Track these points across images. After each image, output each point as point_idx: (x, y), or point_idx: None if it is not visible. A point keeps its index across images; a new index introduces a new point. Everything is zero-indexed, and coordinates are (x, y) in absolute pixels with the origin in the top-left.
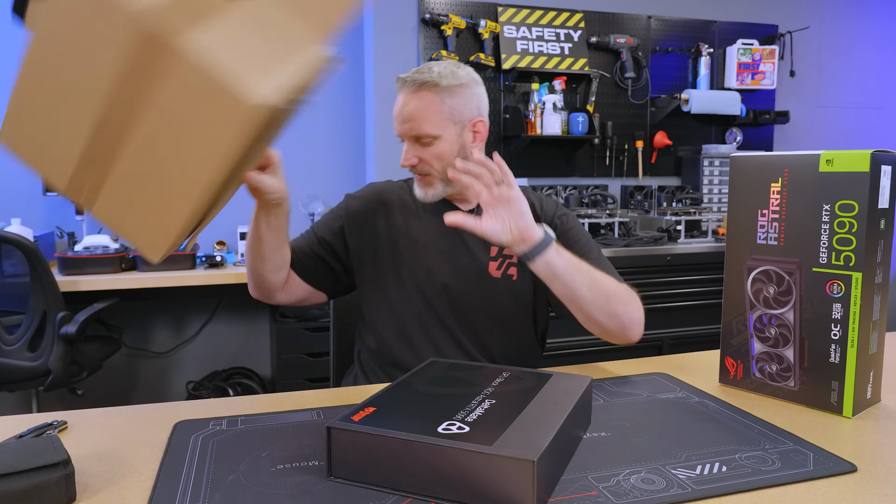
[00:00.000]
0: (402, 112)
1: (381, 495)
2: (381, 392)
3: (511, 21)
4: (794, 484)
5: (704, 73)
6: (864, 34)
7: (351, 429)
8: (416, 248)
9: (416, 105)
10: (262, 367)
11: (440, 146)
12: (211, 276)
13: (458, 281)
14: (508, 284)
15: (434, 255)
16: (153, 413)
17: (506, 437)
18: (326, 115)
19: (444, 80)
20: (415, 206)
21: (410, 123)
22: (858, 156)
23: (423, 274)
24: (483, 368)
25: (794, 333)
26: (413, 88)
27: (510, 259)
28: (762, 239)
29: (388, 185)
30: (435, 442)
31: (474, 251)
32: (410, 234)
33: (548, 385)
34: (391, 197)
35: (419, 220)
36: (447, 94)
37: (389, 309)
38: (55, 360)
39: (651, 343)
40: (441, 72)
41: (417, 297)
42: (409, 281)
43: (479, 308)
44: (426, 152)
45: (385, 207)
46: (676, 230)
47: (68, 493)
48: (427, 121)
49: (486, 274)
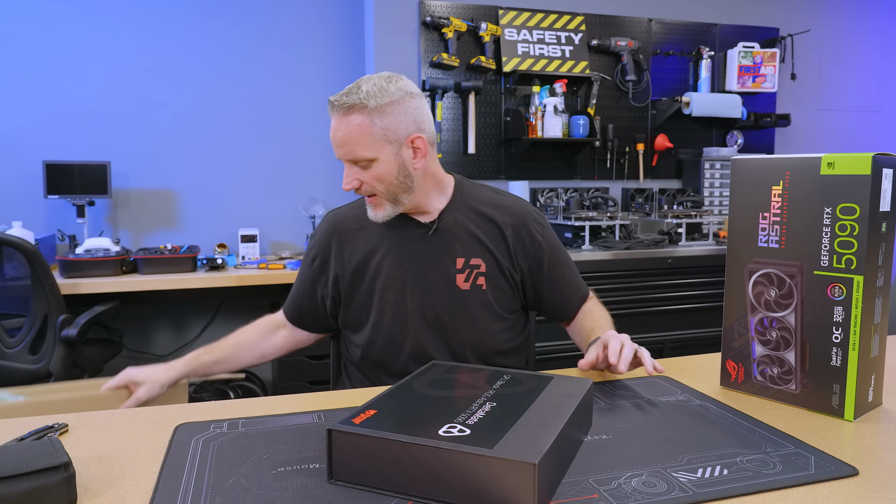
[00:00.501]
0: (335, 137)
1: (383, 498)
2: (381, 395)
3: (512, 24)
4: (795, 487)
5: (705, 75)
6: (865, 37)
7: (352, 431)
8: (384, 270)
9: (346, 129)
10: (263, 370)
11: (378, 168)
12: (212, 278)
13: (429, 294)
14: (478, 294)
15: (402, 273)
16: (154, 416)
17: (507, 439)
18: (327, 117)
19: (373, 101)
20: (375, 224)
21: (344, 148)
22: (860, 159)
23: (392, 295)
24: (483, 371)
25: (796, 336)
26: (342, 112)
27: (479, 269)
28: (763, 242)
29: (345, 210)
30: (436, 445)
31: (440, 264)
32: (374, 256)
33: (549, 388)
34: (349, 224)
35: (382, 239)
36: (377, 115)
37: (370, 328)
38: (56, 363)
39: (652, 346)
40: (369, 91)
41: (392, 315)
42: (381, 302)
43: (447, 319)
44: (366, 175)
45: (343, 237)
46: (677, 233)
47: (69, 496)
48: (360, 144)
49: (454, 285)
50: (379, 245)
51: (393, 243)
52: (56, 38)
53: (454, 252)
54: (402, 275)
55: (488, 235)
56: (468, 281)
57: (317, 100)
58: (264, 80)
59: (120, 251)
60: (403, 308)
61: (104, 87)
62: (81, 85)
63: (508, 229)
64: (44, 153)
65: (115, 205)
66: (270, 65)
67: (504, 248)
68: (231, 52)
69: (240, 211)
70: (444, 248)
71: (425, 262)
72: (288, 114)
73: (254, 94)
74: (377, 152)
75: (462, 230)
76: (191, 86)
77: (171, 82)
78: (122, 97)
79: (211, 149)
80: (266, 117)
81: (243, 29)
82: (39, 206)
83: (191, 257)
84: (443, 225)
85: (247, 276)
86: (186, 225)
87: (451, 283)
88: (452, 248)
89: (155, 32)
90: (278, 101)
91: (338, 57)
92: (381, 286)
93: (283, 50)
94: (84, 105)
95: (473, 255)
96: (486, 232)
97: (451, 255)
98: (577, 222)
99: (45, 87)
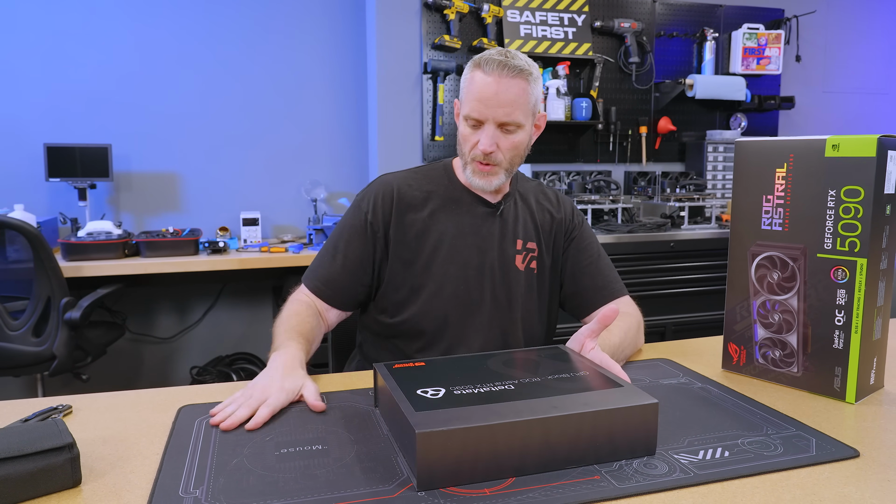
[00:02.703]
0: (501, 96)
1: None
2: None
3: (514, 5)
4: (796, 469)
5: (709, 57)
6: (871, 19)
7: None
8: (446, 241)
9: (515, 92)
10: (266, 353)
11: (519, 135)
12: (214, 261)
13: (486, 271)
14: (529, 277)
15: (463, 248)
16: (157, 398)
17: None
18: (329, 100)
19: (533, 70)
20: (438, 197)
21: (507, 108)
22: (865, 141)
23: (454, 268)
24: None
25: (798, 319)
26: (512, 74)
27: (533, 253)
28: (767, 225)
29: (405, 177)
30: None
31: (502, 243)
32: (437, 226)
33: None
34: (412, 192)
35: (446, 212)
36: (534, 85)
37: (423, 299)
38: (60, 346)
39: (654, 329)
40: (526, 61)
41: (448, 286)
42: (439, 273)
43: (502, 297)
44: (506, 141)
45: (405, 203)
46: (680, 216)
47: (74, 476)
48: (520, 109)
49: (513, 266)
50: (444, 218)
51: (460, 218)
52: (57, 21)
53: (516, 234)
54: (465, 251)
55: (540, 221)
56: (524, 262)
57: (318, 82)
58: (266, 64)
59: (122, 234)
60: (464, 282)
61: (106, 69)
62: (83, 68)
63: (555, 216)
64: (45, 136)
65: (117, 188)
66: (272, 48)
67: (549, 235)
68: (233, 35)
69: (242, 194)
70: (507, 229)
71: (490, 240)
72: (290, 96)
73: (255, 77)
74: (526, 120)
75: (522, 214)
76: (193, 69)
77: (173, 66)
78: (124, 80)
79: (213, 132)
80: (268, 100)
81: (244, 12)
82: (41, 189)
83: (193, 240)
84: (507, 207)
85: (249, 260)
86: (188, 208)
87: (510, 263)
88: (515, 230)
89: (157, 15)
90: (280, 83)
91: (339, 39)
92: (442, 259)
93: (284, 33)
94: (85, 88)
95: (530, 238)
96: (538, 217)
97: (513, 236)
98: (579, 205)
99: (46, 70)
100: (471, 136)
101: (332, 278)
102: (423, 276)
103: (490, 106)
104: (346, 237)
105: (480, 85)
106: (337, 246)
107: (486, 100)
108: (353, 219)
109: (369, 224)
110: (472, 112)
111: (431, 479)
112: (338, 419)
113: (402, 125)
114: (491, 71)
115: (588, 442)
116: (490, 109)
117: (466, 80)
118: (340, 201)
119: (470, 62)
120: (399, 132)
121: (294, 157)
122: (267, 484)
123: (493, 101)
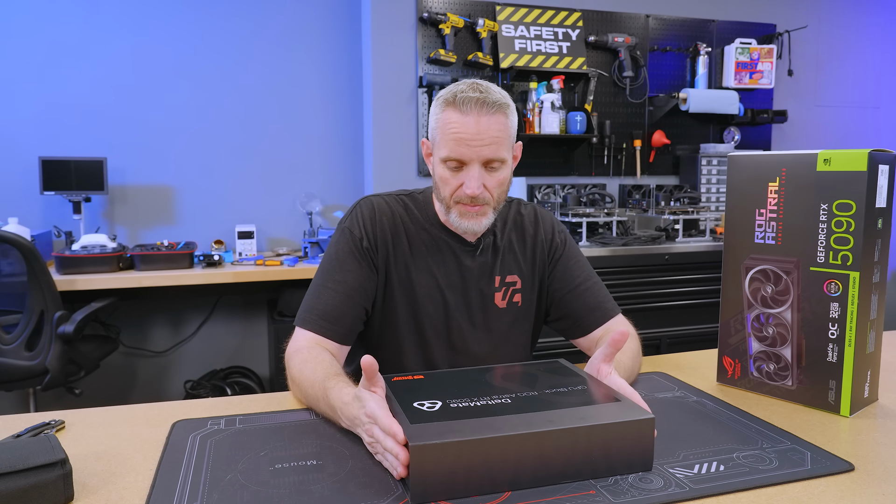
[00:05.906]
0: (483, 135)
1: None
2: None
3: (509, 20)
4: (791, 483)
5: (702, 72)
6: (863, 33)
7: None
8: (425, 281)
9: (497, 128)
10: (261, 367)
11: (504, 171)
12: (209, 275)
13: (465, 313)
14: (514, 311)
15: (441, 289)
16: (151, 412)
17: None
18: (324, 114)
19: (509, 101)
20: (417, 232)
21: (492, 147)
22: (856, 155)
23: (432, 308)
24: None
25: (792, 332)
26: (492, 111)
27: (514, 286)
28: (760, 238)
29: (385, 205)
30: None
31: (479, 283)
32: (417, 264)
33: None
34: (395, 220)
35: (430, 249)
36: (512, 116)
37: (394, 336)
38: (53, 360)
39: (649, 342)
40: (501, 92)
41: (423, 326)
42: (416, 312)
43: (482, 337)
44: (492, 179)
45: (398, 231)
46: (674, 229)
47: (66, 493)
48: (504, 144)
49: (493, 305)
50: (425, 254)
51: (441, 257)
52: (52, 34)
53: (493, 271)
54: (444, 292)
55: (518, 249)
56: (505, 299)
57: (314, 96)
58: (261, 76)
59: (116, 247)
60: (441, 324)
61: (101, 82)
62: (78, 81)
63: (536, 238)
64: (40, 149)
65: (112, 201)
66: (267, 61)
67: (531, 261)
68: (228, 48)
69: (236, 207)
70: (485, 268)
71: (469, 280)
72: (285, 110)
73: (251, 91)
74: (508, 154)
75: (499, 247)
76: (188, 82)
77: (168, 79)
78: (119, 93)
79: (208, 145)
80: (263, 113)
81: (240, 24)
82: (35, 203)
83: (187, 254)
84: (486, 244)
85: (244, 273)
86: (183, 221)
87: (489, 303)
88: (492, 268)
89: (151, 28)
90: (275, 97)
91: (335, 53)
92: (421, 298)
93: (279, 46)
94: (80, 101)
95: (509, 271)
96: (517, 247)
97: (491, 274)
98: (574, 219)
99: (41, 83)
100: (451, 178)
101: (329, 311)
102: (402, 313)
103: (473, 147)
104: (339, 264)
105: (458, 125)
106: (327, 278)
107: (467, 140)
108: (345, 244)
109: (365, 250)
110: (453, 154)
111: (425, 493)
112: (333, 433)
113: (397, 138)
114: (469, 110)
115: (584, 456)
116: (473, 150)
117: (439, 120)
118: (336, 214)
119: (438, 100)
120: (394, 145)
121: (289, 171)
122: (261, 500)
123: (476, 142)
